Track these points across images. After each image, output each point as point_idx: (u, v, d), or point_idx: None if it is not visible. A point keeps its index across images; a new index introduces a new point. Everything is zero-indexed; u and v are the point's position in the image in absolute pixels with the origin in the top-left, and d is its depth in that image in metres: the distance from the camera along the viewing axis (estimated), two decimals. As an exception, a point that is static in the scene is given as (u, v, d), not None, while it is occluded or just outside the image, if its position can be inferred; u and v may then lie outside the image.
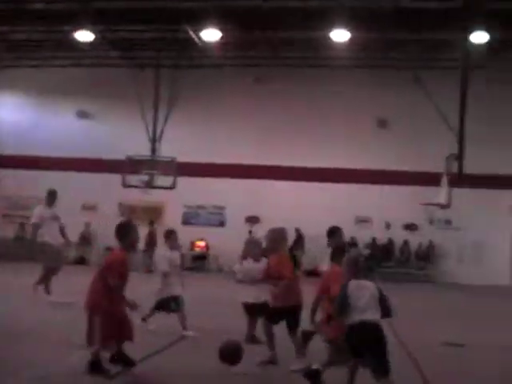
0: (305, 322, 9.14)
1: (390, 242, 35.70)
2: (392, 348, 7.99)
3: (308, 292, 9.63)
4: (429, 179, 31.42)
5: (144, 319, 12.52)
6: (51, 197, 17.03)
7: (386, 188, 35.19)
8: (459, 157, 25.88)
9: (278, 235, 10.13)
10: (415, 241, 35.62)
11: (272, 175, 35.89)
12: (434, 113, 30.84)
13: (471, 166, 27.11)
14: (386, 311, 7.87)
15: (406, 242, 35.52)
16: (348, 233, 34.62)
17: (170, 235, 12.98)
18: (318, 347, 9.12)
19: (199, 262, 35.70)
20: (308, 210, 34.52)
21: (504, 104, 33.32)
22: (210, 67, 35.57)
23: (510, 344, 13.10)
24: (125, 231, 8.88)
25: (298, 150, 35.59)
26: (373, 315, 7.67)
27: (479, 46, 28.98)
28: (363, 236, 35.02)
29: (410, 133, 34.99)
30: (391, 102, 35.15)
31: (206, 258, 35.64)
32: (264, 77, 35.85)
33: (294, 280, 9.66)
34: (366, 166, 35.33)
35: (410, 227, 35.88)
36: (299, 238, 33.73)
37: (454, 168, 26.32)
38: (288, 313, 9.38)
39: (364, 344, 7.57)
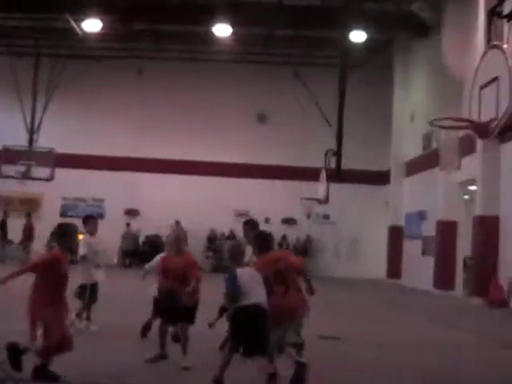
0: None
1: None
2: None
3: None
4: (308, 174, 31.99)
5: (77, 315, 11.89)
6: None
7: (266, 182, 35.58)
8: (337, 153, 26.33)
9: (180, 236, 10.02)
10: (293, 235, 36.19)
11: (152, 168, 35.71)
12: (313, 109, 31.38)
13: (349, 162, 27.69)
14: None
15: (284, 237, 35.95)
16: (227, 226, 35.17)
17: (88, 221, 12.65)
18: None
19: (76, 255, 35.01)
20: (188, 203, 34.53)
21: (380, 102, 34.22)
22: (90, 58, 35.08)
23: (384, 337, 13.53)
24: (62, 234, 8.44)
25: (180, 144, 35.57)
26: (262, 297, 7.83)
27: (357, 44, 29.69)
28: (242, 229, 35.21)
29: (289, 128, 35.48)
30: (271, 97, 35.57)
31: (84, 251, 34.80)
32: (147, 69, 35.60)
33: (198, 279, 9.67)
34: (246, 161, 35.62)
35: (289, 221, 36.42)
36: (179, 232, 33.67)
37: (333, 164, 26.80)
38: (187, 310, 9.36)
39: (252, 325, 7.67)
